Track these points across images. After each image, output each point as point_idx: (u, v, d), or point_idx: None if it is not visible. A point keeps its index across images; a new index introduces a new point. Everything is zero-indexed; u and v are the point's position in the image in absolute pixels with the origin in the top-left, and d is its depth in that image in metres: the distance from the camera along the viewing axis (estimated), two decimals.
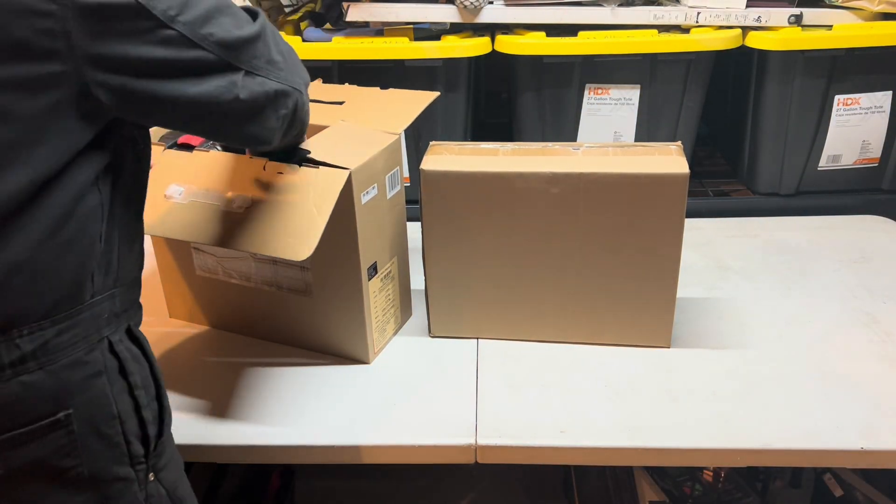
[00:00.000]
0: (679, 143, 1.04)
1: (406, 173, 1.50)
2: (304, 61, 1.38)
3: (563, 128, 1.44)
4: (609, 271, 1.03)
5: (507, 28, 1.42)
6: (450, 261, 1.05)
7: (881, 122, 1.43)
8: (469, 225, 1.02)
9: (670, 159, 0.98)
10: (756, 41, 1.36)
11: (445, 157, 1.02)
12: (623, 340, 1.08)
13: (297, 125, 0.84)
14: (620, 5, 1.35)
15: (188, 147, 1.07)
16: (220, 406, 1.00)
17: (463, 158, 1.02)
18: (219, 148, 1.01)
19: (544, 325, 1.09)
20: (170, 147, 1.08)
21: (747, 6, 1.34)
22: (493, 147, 1.05)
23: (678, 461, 0.94)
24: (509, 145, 1.05)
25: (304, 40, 1.41)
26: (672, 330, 1.07)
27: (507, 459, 0.93)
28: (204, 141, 1.10)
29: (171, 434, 0.82)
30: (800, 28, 1.35)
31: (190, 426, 0.96)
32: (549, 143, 1.05)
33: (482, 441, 0.93)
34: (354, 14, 1.36)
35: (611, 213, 0.98)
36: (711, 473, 1.47)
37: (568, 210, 0.99)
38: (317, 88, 1.17)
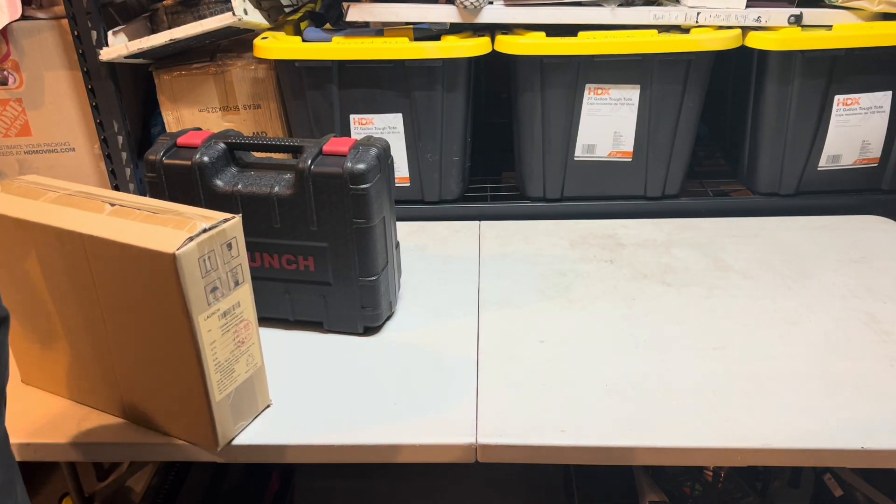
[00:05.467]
0: (211, 215, 0.87)
1: (406, 173, 1.50)
2: (304, 61, 1.41)
3: (563, 128, 1.44)
4: (138, 352, 0.91)
5: (507, 28, 1.42)
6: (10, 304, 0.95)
7: (881, 122, 1.43)
8: (20, 269, 0.94)
9: (175, 233, 0.82)
10: (756, 41, 1.36)
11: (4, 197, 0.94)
12: (171, 430, 0.95)
13: None
14: (620, 5, 1.35)
15: (190, 149, 1.07)
16: None
17: (9, 199, 0.93)
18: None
19: (102, 395, 0.98)
20: (168, 151, 1.07)
21: (747, 6, 1.34)
22: (63, 187, 0.94)
23: (678, 460, 0.94)
24: (76, 188, 0.94)
25: (304, 40, 1.41)
26: (216, 430, 0.90)
27: (507, 459, 0.94)
28: (208, 137, 1.09)
29: None
30: (800, 28, 1.35)
31: None
32: (101, 196, 0.92)
33: (482, 440, 0.93)
34: (354, 14, 1.36)
35: (118, 283, 0.87)
36: (711, 473, 1.48)
37: (82, 273, 0.88)
38: None
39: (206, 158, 1.05)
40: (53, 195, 0.92)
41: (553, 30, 1.38)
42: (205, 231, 0.82)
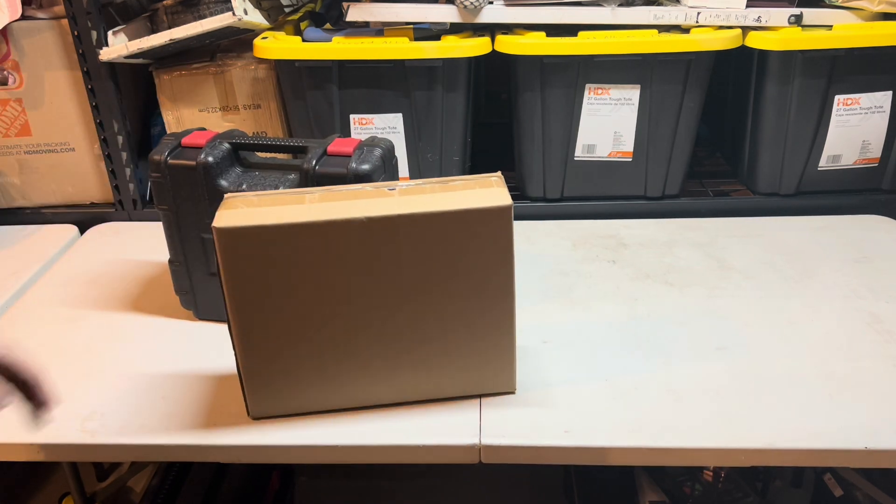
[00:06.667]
0: (499, 173, 0.94)
1: (406, 173, 1.50)
2: (304, 61, 1.40)
3: (563, 128, 1.44)
4: (441, 318, 0.93)
5: (507, 28, 1.42)
6: (263, 329, 0.91)
7: (881, 122, 1.43)
8: (280, 285, 0.89)
9: (491, 192, 0.89)
10: (756, 41, 1.36)
11: (242, 211, 0.87)
12: (466, 391, 0.99)
13: None
14: (620, 5, 1.36)
15: (195, 150, 1.06)
16: (220, 405, 1.00)
17: (263, 210, 0.88)
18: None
19: (379, 386, 0.97)
20: (172, 151, 1.07)
21: (747, 6, 1.34)
22: (299, 194, 0.92)
23: (682, 461, 0.94)
24: (317, 191, 0.93)
25: (304, 40, 1.41)
26: (516, 373, 0.99)
27: (511, 459, 0.93)
28: (212, 137, 1.08)
29: None
30: (800, 28, 1.35)
31: (189, 426, 0.96)
32: (364, 185, 0.94)
33: (486, 441, 0.92)
34: (354, 14, 1.36)
35: (435, 254, 0.89)
36: (711, 473, 1.48)
37: (389, 256, 0.88)
38: None
39: (210, 159, 1.05)
40: (312, 197, 0.91)
41: (553, 30, 1.38)
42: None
